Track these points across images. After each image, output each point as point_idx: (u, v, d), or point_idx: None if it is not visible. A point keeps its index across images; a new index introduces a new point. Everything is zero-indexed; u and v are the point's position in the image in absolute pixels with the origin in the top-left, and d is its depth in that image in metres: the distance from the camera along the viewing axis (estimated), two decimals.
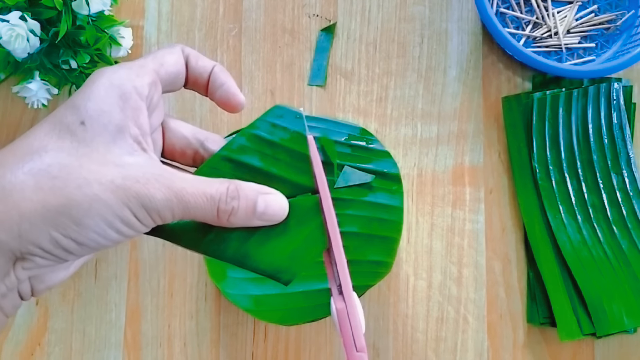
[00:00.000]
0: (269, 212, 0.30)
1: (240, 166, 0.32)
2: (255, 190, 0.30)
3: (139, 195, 0.26)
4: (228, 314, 0.49)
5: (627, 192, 0.50)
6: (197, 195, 0.28)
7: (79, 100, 0.27)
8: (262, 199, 0.30)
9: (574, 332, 0.47)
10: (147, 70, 0.29)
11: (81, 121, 0.27)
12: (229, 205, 0.29)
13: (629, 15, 0.53)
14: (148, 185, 0.27)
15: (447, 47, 0.53)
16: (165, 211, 0.27)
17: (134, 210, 0.26)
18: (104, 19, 0.47)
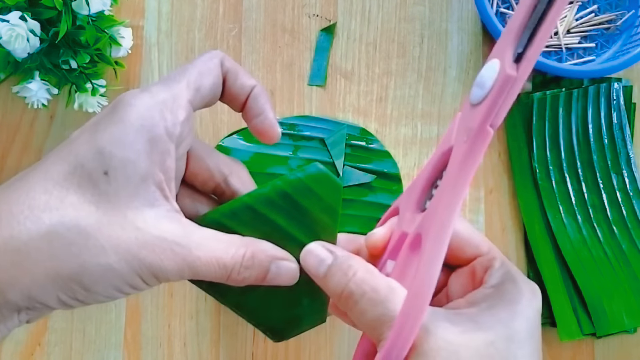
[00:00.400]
0: (278, 279, 0.29)
1: (262, 219, 0.30)
2: (270, 256, 0.29)
3: (152, 266, 0.26)
4: (228, 314, 0.49)
5: (627, 192, 0.50)
6: (210, 264, 0.27)
7: (104, 142, 0.25)
8: (275, 265, 0.29)
9: (574, 332, 0.47)
10: (181, 103, 0.27)
11: (105, 171, 0.25)
12: (240, 276, 0.28)
13: (629, 15, 0.53)
14: (162, 257, 0.26)
15: (447, 47, 0.53)
16: (174, 278, 0.27)
17: (145, 278, 0.26)
18: (104, 19, 0.47)
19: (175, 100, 0.27)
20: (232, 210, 0.30)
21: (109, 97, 0.50)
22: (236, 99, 0.31)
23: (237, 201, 0.30)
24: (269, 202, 0.30)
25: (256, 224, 0.30)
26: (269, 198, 0.30)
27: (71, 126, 0.51)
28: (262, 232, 0.30)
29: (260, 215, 0.30)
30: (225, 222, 0.30)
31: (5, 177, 0.50)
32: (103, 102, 0.48)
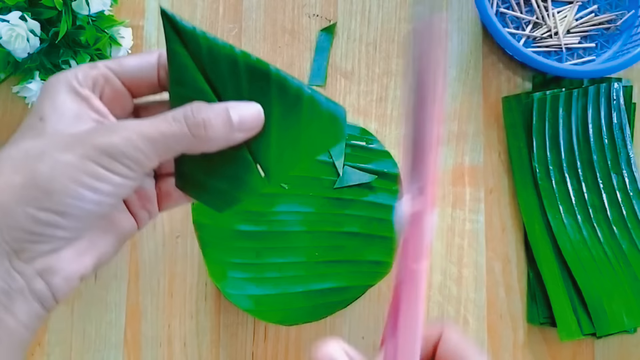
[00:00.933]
0: (245, 119, 0.28)
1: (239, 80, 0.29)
2: (222, 106, 0.28)
3: (96, 145, 0.25)
4: (228, 314, 0.49)
5: (627, 192, 0.50)
6: (158, 123, 0.26)
7: (36, 104, 0.28)
8: (231, 109, 0.28)
9: (574, 332, 0.47)
10: (95, 66, 0.29)
11: (40, 117, 0.27)
12: (198, 118, 0.27)
13: (629, 15, 0.53)
14: (103, 133, 0.26)
15: (447, 47, 0.53)
16: (132, 151, 0.26)
17: (97, 159, 0.25)
18: (104, 19, 0.47)
19: (91, 66, 0.29)
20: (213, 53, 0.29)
21: None
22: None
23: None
24: (262, 74, 0.29)
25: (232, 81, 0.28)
26: (265, 71, 0.28)
27: None
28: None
29: (239, 74, 0.29)
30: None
31: None
32: None
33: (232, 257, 0.44)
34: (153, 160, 0.26)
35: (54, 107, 0.27)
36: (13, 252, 0.25)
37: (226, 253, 0.44)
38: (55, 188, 0.25)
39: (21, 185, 0.25)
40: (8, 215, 0.24)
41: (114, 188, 0.26)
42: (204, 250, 0.43)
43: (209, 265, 0.43)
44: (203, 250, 0.43)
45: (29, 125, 0.27)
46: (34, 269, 0.25)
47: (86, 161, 0.25)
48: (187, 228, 0.49)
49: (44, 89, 0.28)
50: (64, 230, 0.26)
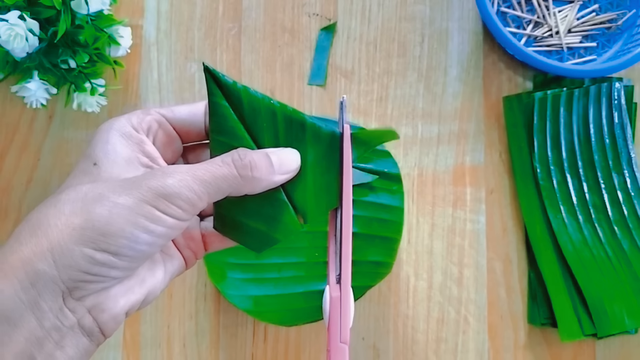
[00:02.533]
0: (284, 163, 0.31)
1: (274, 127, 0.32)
2: (262, 151, 0.30)
3: (152, 188, 0.27)
4: (227, 315, 0.48)
5: (629, 192, 0.50)
6: (208, 166, 0.28)
7: (89, 149, 0.30)
8: (271, 153, 0.30)
9: (575, 333, 0.47)
10: (149, 112, 0.31)
11: (94, 163, 0.29)
12: (245, 161, 0.29)
13: (630, 15, 0.53)
14: (159, 177, 0.27)
15: (448, 47, 0.53)
16: (186, 192, 0.27)
17: (153, 202, 0.26)
18: (103, 18, 0.47)
19: (144, 112, 0.31)
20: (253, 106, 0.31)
21: (108, 96, 0.50)
22: None
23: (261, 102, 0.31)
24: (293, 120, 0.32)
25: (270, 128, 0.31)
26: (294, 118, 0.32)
27: (70, 126, 0.51)
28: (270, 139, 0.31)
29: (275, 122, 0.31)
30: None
31: (5, 176, 0.50)
32: (102, 102, 0.48)
33: (232, 258, 0.44)
34: (204, 201, 0.28)
35: (106, 152, 0.29)
36: (67, 291, 0.26)
37: (225, 253, 0.43)
38: (112, 230, 0.26)
39: (80, 227, 0.26)
40: (66, 255, 0.25)
41: (167, 229, 0.27)
42: None
43: (209, 266, 0.43)
44: None
45: (83, 171, 0.29)
46: (84, 307, 0.27)
47: (142, 204, 0.26)
48: None
49: (97, 133, 0.30)
50: (118, 270, 0.27)
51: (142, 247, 0.27)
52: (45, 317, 0.26)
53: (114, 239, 0.26)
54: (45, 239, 0.26)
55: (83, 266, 0.26)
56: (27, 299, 0.25)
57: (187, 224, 0.28)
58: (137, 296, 0.29)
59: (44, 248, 0.25)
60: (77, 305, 0.26)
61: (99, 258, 0.26)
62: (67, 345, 0.26)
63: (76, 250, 0.25)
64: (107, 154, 0.29)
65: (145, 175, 0.28)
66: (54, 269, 0.25)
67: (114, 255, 0.26)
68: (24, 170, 0.50)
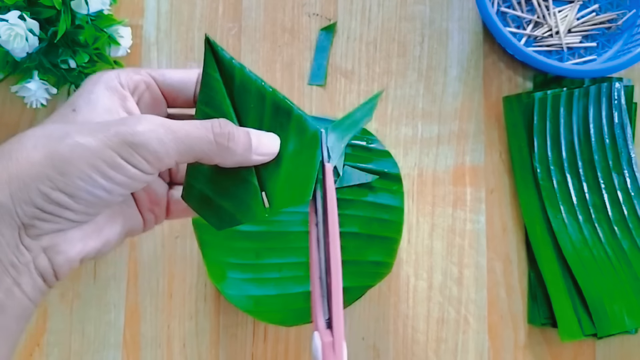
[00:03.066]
0: (263, 144, 0.30)
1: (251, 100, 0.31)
2: (242, 128, 0.30)
3: (119, 133, 0.26)
4: (227, 315, 0.48)
5: (629, 192, 0.50)
6: (184, 124, 0.27)
7: (72, 97, 0.29)
8: (252, 133, 0.30)
9: (575, 333, 0.47)
10: (139, 72, 0.30)
11: (73, 109, 0.28)
12: (224, 130, 0.28)
13: (630, 15, 0.53)
14: (130, 123, 0.26)
15: (448, 47, 0.53)
16: (154, 144, 0.26)
17: (117, 148, 0.25)
18: (103, 18, 0.47)
19: (134, 70, 0.30)
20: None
21: None
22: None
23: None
24: (273, 102, 0.31)
25: (247, 99, 0.31)
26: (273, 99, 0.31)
27: None
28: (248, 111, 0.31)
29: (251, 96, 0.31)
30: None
31: None
32: None
33: (232, 258, 0.44)
34: (172, 158, 0.27)
35: (88, 101, 0.29)
36: (23, 227, 0.25)
37: (226, 253, 0.43)
38: (70, 170, 0.25)
39: (39, 163, 0.25)
40: (23, 190, 0.25)
41: (128, 179, 0.26)
42: (203, 251, 0.43)
43: (209, 266, 0.43)
44: (202, 251, 0.43)
45: (60, 114, 0.29)
46: (40, 246, 0.26)
47: (105, 148, 0.26)
48: (187, 228, 0.49)
49: (83, 85, 0.30)
50: (73, 213, 0.26)
51: (99, 193, 0.26)
52: (2, 251, 0.25)
53: (71, 179, 0.25)
54: (5, 172, 0.25)
55: (38, 203, 0.25)
56: None
57: (150, 178, 0.27)
58: (94, 244, 0.28)
59: (3, 180, 0.25)
60: (33, 244, 0.26)
61: (55, 197, 0.25)
62: (24, 283, 0.26)
63: (32, 186, 0.25)
64: (88, 102, 0.29)
65: (117, 120, 0.27)
66: (10, 202, 0.25)
67: (69, 196, 0.25)
68: None
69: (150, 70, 0.31)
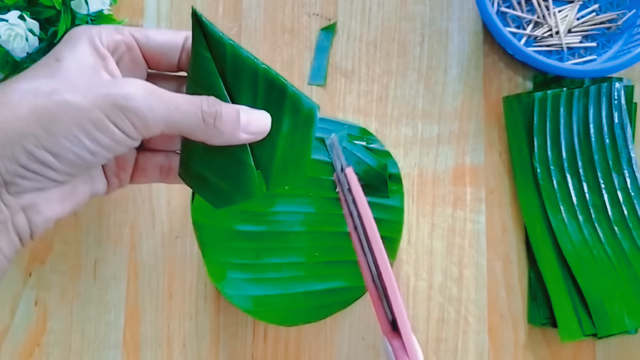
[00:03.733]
0: (253, 123, 0.29)
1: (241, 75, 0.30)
2: (234, 106, 0.29)
3: (110, 94, 0.25)
4: (227, 315, 0.48)
5: (629, 192, 0.50)
6: (176, 97, 0.27)
7: (54, 49, 0.28)
8: (242, 111, 0.29)
9: (575, 333, 0.47)
10: (121, 30, 0.29)
11: (56, 58, 0.27)
12: (212, 108, 0.28)
13: (630, 15, 0.53)
14: (122, 85, 0.26)
15: (448, 47, 0.53)
16: (144, 110, 0.25)
17: (106, 110, 0.25)
18: (103, 18, 0.47)
19: (116, 29, 0.29)
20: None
21: None
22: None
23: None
24: (264, 75, 0.30)
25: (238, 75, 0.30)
26: (261, 72, 0.30)
27: None
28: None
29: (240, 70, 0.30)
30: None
31: None
32: None
33: (232, 258, 0.44)
34: (158, 127, 0.26)
35: (73, 52, 0.27)
36: (3, 184, 0.25)
37: (226, 253, 0.43)
38: (57, 129, 0.25)
39: (25, 119, 0.24)
40: (6, 146, 0.24)
41: (113, 143, 0.26)
42: (203, 251, 0.43)
43: (209, 266, 0.43)
44: (202, 251, 0.43)
45: (42, 64, 0.27)
46: (19, 204, 0.26)
47: (95, 109, 0.25)
48: (187, 228, 0.49)
49: (66, 37, 0.28)
50: (55, 172, 0.26)
51: (84, 154, 0.25)
52: None
53: (57, 138, 0.25)
54: None
55: (22, 161, 0.24)
56: None
57: (134, 144, 0.27)
58: (69, 205, 0.28)
59: None
60: (13, 201, 0.25)
61: (39, 156, 0.25)
62: (1, 240, 0.26)
63: (17, 142, 0.24)
64: (72, 54, 0.27)
65: (109, 81, 0.26)
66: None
67: (54, 156, 0.25)
68: None
69: (134, 30, 0.30)
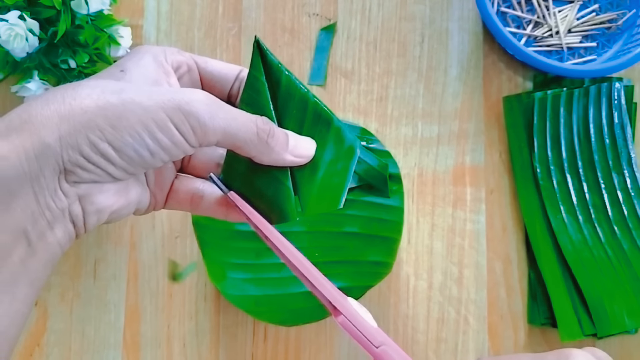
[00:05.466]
0: (299, 146, 0.31)
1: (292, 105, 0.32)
2: (282, 129, 0.31)
3: (175, 99, 0.27)
4: (227, 315, 0.48)
5: (629, 192, 0.50)
6: (236, 111, 0.28)
7: (119, 61, 0.30)
8: (290, 135, 0.31)
9: (575, 333, 0.47)
10: (183, 53, 0.31)
11: (121, 69, 0.29)
12: (266, 126, 0.29)
13: (630, 15, 0.53)
14: (188, 92, 0.27)
15: (448, 47, 0.53)
16: (205, 117, 0.27)
17: (170, 112, 0.26)
18: (103, 18, 0.47)
19: (179, 51, 0.32)
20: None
21: None
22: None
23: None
24: (310, 103, 0.32)
25: (289, 104, 0.32)
26: (311, 102, 0.32)
27: None
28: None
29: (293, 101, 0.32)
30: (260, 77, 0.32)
31: None
32: None
33: (232, 258, 0.44)
34: (216, 136, 0.28)
35: (138, 65, 0.29)
36: (64, 172, 0.26)
37: (226, 253, 0.43)
38: (122, 124, 0.26)
39: (92, 112, 0.25)
40: (72, 135, 0.25)
41: (173, 146, 0.27)
42: (203, 251, 0.43)
43: (209, 266, 0.43)
44: (202, 251, 0.43)
45: (108, 73, 0.29)
46: (77, 193, 0.26)
47: (159, 110, 0.26)
48: (187, 228, 0.49)
49: (131, 54, 0.30)
50: (114, 167, 0.27)
51: (144, 153, 0.26)
52: (41, 193, 0.25)
53: (121, 134, 0.26)
54: (56, 114, 0.25)
55: (85, 151, 0.25)
56: (29, 170, 0.25)
57: (191, 151, 0.28)
58: (121, 202, 0.29)
59: (53, 123, 0.25)
60: (70, 190, 0.26)
61: (102, 148, 0.25)
62: (57, 227, 0.26)
63: (82, 133, 0.25)
64: (138, 66, 0.29)
65: (172, 89, 0.28)
66: (58, 145, 0.25)
67: (116, 150, 0.26)
68: None
69: (194, 55, 0.32)
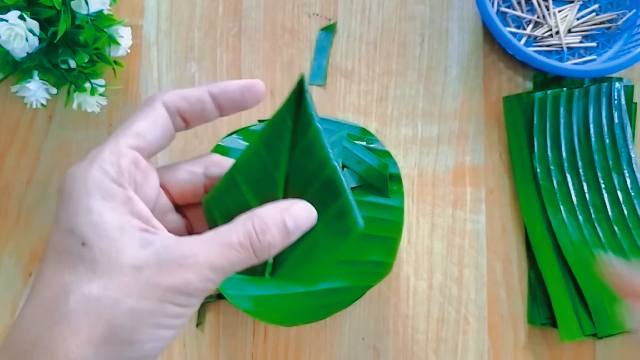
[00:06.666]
0: (299, 225, 0.28)
1: (246, 181, 0.29)
2: (278, 211, 0.28)
3: (171, 287, 0.25)
4: (227, 315, 0.48)
5: (629, 192, 0.50)
6: (226, 252, 0.27)
7: (66, 220, 0.26)
8: (287, 216, 0.28)
9: (575, 333, 0.47)
10: (120, 151, 0.27)
11: (82, 242, 0.25)
12: (264, 243, 0.27)
13: (630, 15, 0.53)
14: (173, 271, 0.25)
15: (448, 47, 0.53)
16: (205, 284, 0.26)
17: (175, 300, 0.25)
18: (103, 18, 0.47)
19: (113, 152, 0.27)
20: (219, 192, 0.29)
21: (108, 96, 0.50)
22: (199, 112, 0.30)
23: (221, 184, 0.30)
24: (245, 162, 0.29)
25: (244, 187, 0.29)
26: (243, 157, 0.29)
27: (70, 126, 0.51)
28: (254, 193, 0.29)
29: (242, 178, 0.29)
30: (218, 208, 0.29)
31: (5, 176, 0.50)
32: (102, 102, 0.48)
33: None
34: (219, 283, 0.27)
35: (93, 226, 0.25)
36: None
37: None
38: (138, 337, 0.25)
39: (102, 342, 0.24)
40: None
41: (186, 316, 0.27)
42: None
43: None
44: None
45: (70, 252, 0.25)
46: None
47: (164, 304, 0.25)
48: None
49: (72, 195, 0.26)
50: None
51: (165, 341, 0.26)
52: None
53: (141, 344, 0.25)
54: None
55: None
56: None
57: (196, 309, 0.28)
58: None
59: None
60: None
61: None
62: None
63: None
64: (94, 228, 0.25)
65: (158, 266, 0.25)
66: None
67: (140, 358, 0.25)
68: (24, 170, 0.50)
69: (129, 139, 0.28)
